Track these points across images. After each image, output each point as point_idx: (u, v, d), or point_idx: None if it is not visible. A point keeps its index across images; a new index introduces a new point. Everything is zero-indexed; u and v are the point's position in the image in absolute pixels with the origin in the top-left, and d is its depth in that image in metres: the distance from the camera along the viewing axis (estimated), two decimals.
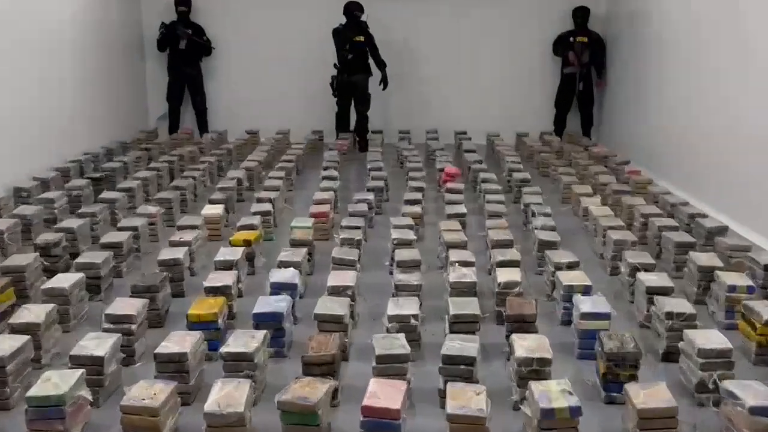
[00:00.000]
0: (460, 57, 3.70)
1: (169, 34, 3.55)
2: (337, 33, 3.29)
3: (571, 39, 3.38)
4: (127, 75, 3.51)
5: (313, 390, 0.83)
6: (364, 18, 3.21)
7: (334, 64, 3.31)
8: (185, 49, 3.57)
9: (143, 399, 0.78)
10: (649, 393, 0.85)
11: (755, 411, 0.79)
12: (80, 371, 0.90)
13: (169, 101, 3.73)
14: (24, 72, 2.47)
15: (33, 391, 0.85)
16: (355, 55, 3.32)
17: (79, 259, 1.56)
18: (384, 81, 3.45)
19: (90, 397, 0.90)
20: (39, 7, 2.57)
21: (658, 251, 1.78)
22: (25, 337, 1.02)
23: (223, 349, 1.03)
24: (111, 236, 1.77)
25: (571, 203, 2.48)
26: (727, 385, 0.88)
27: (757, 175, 1.98)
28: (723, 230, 1.89)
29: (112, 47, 3.23)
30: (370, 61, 3.41)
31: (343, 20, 3.31)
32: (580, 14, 3.34)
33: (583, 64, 3.41)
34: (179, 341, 1.02)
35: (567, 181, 2.67)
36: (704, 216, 2.02)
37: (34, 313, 1.09)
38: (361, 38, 3.37)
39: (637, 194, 2.46)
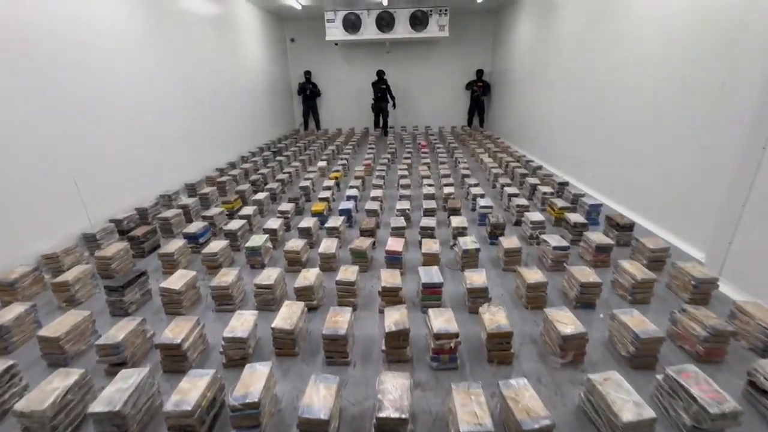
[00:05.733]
0: (427, 90, 10.99)
1: (302, 87, 10.28)
2: (373, 83, 9.73)
3: (474, 82, 10.21)
4: (285, 103, 10.39)
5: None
6: (384, 76, 9.67)
7: (372, 98, 9.97)
8: (309, 93, 10.32)
9: None
10: (508, 240, 3.20)
11: (556, 248, 3.06)
12: (266, 236, 3.36)
13: (303, 116, 10.57)
14: (237, 101, 7.24)
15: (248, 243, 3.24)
16: (381, 93, 9.66)
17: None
18: (393, 105, 10.06)
19: (271, 246, 3.44)
20: (245, 67, 7.70)
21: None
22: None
23: None
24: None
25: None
26: (543, 236, 3.20)
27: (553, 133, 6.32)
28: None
29: (279, 89, 9.89)
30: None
31: (375, 77, 9.91)
32: (479, 71, 10.18)
33: (480, 95, 10.18)
34: None
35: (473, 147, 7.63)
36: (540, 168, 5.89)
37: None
38: (383, 86, 9.63)
39: (503, 152, 6.97)
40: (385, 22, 8.62)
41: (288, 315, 2.26)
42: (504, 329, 2.09)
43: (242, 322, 2.22)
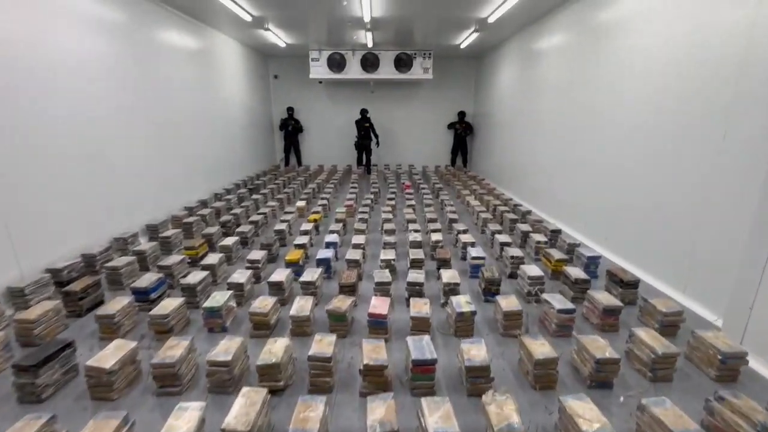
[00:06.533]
0: (410, 129, 10.62)
1: (284, 123, 9.94)
2: (357, 121, 9.39)
3: (457, 123, 10.04)
4: (266, 138, 9.79)
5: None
6: (368, 115, 9.33)
7: (356, 135, 9.66)
8: (291, 129, 9.97)
9: None
10: (507, 301, 2.81)
11: (561, 311, 2.68)
12: (229, 293, 2.85)
13: (285, 152, 10.18)
14: (215, 135, 6.80)
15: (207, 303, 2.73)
16: (364, 131, 9.30)
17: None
18: (377, 143, 9.76)
19: (235, 305, 2.93)
20: (226, 101, 7.34)
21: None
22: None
23: None
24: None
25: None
26: (544, 295, 2.84)
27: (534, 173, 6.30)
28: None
29: (260, 124, 9.36)
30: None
31: (358, 116, 9.47)
32: (461, 113, 10.04)
33: (464, 135, 9.97)
34: None
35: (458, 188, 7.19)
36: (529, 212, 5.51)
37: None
38: (367, 124, 9.29)
39: (489, 195, 6.50)
40: (370, 62, 8.61)
41: (245, 410, 1.77)
42: (516, 430, 1.66)
43: (184, 422, 1.71)
